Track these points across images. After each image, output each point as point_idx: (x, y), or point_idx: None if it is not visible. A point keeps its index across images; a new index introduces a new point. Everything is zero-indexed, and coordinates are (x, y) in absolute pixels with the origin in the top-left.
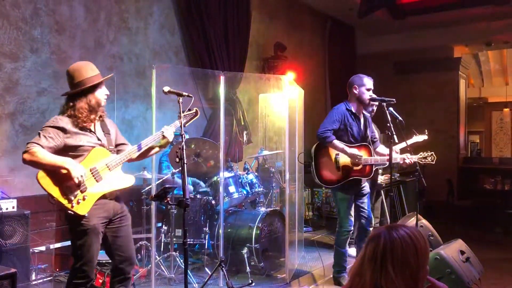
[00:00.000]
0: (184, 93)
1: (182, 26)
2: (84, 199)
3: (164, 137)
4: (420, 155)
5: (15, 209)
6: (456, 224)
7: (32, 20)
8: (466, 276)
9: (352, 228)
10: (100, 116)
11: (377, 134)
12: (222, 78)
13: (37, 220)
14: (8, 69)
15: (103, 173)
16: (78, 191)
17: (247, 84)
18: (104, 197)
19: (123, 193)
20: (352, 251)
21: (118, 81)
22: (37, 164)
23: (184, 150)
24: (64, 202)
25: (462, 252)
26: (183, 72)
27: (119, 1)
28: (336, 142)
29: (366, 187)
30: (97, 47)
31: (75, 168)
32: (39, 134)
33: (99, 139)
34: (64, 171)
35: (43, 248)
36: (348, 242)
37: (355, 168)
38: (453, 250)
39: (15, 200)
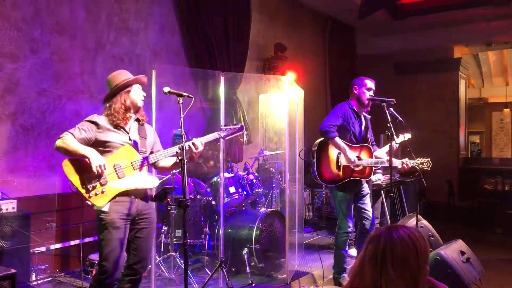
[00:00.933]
0: (184, 94)
1: (182, 27)
2: (102, 192)
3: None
4: (418, 160)
5: (15, 210)
6: (456, 224)
7: (33, 20)
8: (467, 276)
9: (351, 229)
10: (138, 120)
11: None
12: (222, 79)
13: (37, 221)
14: (8, 69)
15: (126, 171)
16: (98, 183)
17: (247, 84)
18: (127, 194)
19: None
20: (352, 251)
21: None
22: (64, 150)
23: (184, 150)
24: (83, 191)
25: (463, 253)
26: (183, 73)
27: (120, 1)
28: (338, 140)
29: (365, 187)
30: (98, 47)
31: (95, 158)
32: (75, 126)
33: (130, 139)
34: (86, 161)
35: (43, 248)
36: (347, 243)
37: (355, 168)
38: (453, 251)
39: (15, 201)
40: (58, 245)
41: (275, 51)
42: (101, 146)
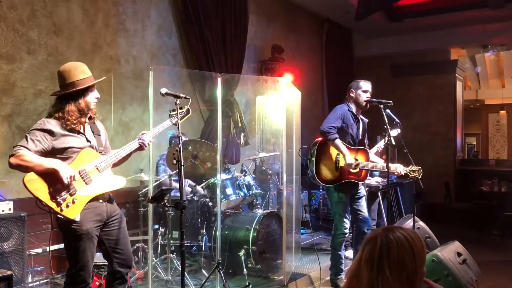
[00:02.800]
0: (181, 95)
1: (180, 28)
2: (73, 202)
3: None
4: (410, 168)
5: (11, 211)
6: (453, 226)
7: (29, 21)
8: (463, 278)
9: (347, 231)
10: (91, 118)
11: None
12: (219, 80)
13: (33, 222)
14: (4, 70)
15: (92, 175)
16: (67, 194)
17: (245, 86)
18: (96, 199)
19: (119, 195)
20: (349, 253)
21: (115, 83)
22: (24, 168)
23: (181, 152)
24: (53, 205)
25: (459, 254)
26: (180, 74)
27: (117, 3)
28: (339, 142)
29: (362, 190)
30: (95, 49)
31: (64, 169)
32: (26, 137)
33: (88, 141)
34: (52, 173)
35: (39, 250)
36: (344, 244)
37: (352, 171)
38: (450, 252)
39: (11, 202)
40: (55, 247)
41: (272, 53)
42: (60, 154)
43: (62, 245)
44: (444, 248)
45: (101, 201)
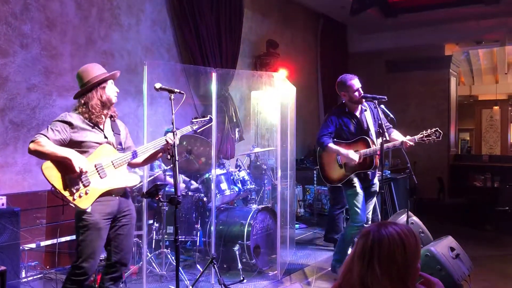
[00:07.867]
0: (175, 90)
1: (174, 23)
2: (86, 193)
3: (167, 142)
4: (422, 134)
5: (4, 206)
6: (446, 221)
7: (22, 15)
8: (456, 272)
9: (362, 224)
10: (112, 116)
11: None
12: (214, 75)
13: (27, 217)
14: None
15: (108, 170)
16: (81, 185)
17: (239, 81)
18: (109, 193)
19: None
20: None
21: None
22: (41, 154)
23: (175, 147)
24: (66, 194)
25: (452, 249)
26: (175, 69)
27: None
28: (331, 145)
29: (375, 186)
30: (88, 43)
31: (76, 159)
32: (47, 127)
33: (106, 137)
34: (66, 163)
35: (33, 245)
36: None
37: (352, 162)
38: (443, 247)
39: (4, 197)
40: (48, 242)
41: (267, 48)
42: (77, 147)
43: (55, 240)
44: (437, 243)
45: (114, 195)
